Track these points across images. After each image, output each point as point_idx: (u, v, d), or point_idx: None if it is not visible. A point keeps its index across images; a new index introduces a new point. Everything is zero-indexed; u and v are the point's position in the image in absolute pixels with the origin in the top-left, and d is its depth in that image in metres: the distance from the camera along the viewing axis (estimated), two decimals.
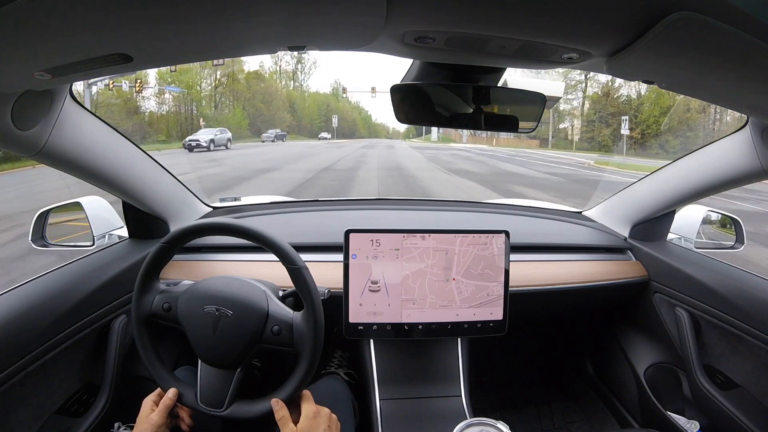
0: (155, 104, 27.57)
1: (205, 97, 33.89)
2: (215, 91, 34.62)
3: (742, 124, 0.86)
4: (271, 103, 39.43)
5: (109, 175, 0.90)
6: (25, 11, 0.38)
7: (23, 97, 0.62)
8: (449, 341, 1.11)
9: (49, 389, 0.81)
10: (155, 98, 27.28)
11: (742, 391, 0.98)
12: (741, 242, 1.22)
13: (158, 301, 0.74)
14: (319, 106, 52.23)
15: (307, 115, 47.76)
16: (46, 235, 1.07)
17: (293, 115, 44.52)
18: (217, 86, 35.02)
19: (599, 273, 1.20)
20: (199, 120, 29.27)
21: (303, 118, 46.87)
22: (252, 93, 38.39)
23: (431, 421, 1.00)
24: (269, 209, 1.37)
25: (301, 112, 47.05)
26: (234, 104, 36.01)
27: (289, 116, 43.00)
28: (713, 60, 0.49)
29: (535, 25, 0.48)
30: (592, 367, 1.51)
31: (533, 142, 32.18)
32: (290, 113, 43.82)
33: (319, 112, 52.39)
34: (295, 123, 44.23)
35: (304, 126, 46.00)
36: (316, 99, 53.54)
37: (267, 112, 38.97)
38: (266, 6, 0.42)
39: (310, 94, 52.75)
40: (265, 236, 0.72)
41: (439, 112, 0.77)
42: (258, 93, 38.85)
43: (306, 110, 47.93)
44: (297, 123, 44.82)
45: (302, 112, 47.22)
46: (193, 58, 0.58)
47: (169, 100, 28.47)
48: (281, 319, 0.72)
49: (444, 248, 0.97)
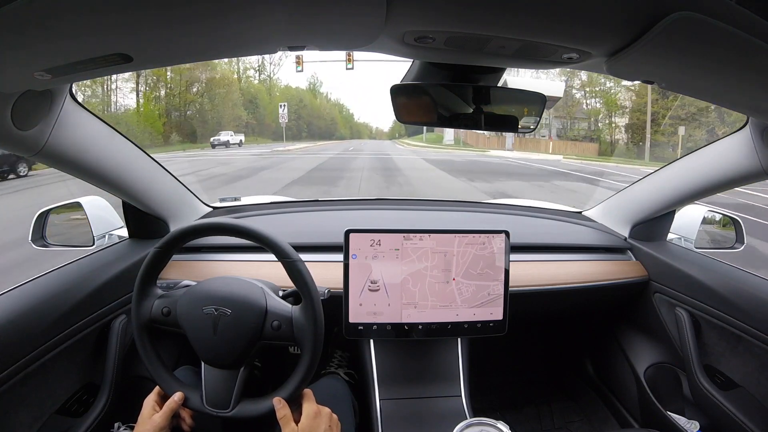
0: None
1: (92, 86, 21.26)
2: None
3: (742, 124, 0.86)
4: (226, 97, 30.40)
5: (109, 175, 0.90)
6: (25, 11, 0.38)
7: (23, 97, 0.62)
8: (449, 341, 1.11)
9: (49, 389, 0.81)
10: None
11: (742, 391, 0.98)
12: (741, 242, 1.22)
13: (157, 306, 0.74)
14: (289, 102, 42.12)
15: (271, 112, 37.97)
16: (46, 235, 1.07)
17: (254, 113, 35.85)
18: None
19: (599, 273, 1.20)
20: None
21: (266, 116, 37.77)
22: (185, 83, 27.59)
23: (431, 421, 1.00)
24: (269, 209, 1.37)
25: (265, 109, 38.08)
26: (151, 96, 25.21)
27: (247, 114, 33.77)
28: (713, 60, 0.49)
29: (534, 26, 0.48)
30: (592, 367, 1.51)
31: (591, 146, 23.49)
32: (249, 110, 35.12)
33: (288, 110, 41.44)
34: (254, 122, 35.66)
35: (267, 126, 37.01)
36: (287, 94, 45.29)
37: (210, 109, 29.59)
38: (266, 6, 0.42)
39: (279, 88, 44.54)
40: (256, 232, 0.72)
41: (439, 112, 0.77)
42: (196, 82, 28.63)
43: (271, 106, 38.39)
44: (257, 122, 36.31)
45: (266, 108, 38.16)
46: (193, 58, 0.58)
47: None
48: (280, 313, 0.72)
49: (442, 250, 0.97)
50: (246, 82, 38.20)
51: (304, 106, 50.18)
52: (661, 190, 1.15)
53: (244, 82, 37.55)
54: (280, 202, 1.50)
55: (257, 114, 36.98)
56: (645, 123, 20.36)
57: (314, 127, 52.69)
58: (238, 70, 36.46)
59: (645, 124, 20.39)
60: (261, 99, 38.69)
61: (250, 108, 35.70)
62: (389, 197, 2.39)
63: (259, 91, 39.83)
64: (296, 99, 47.95)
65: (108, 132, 0.87)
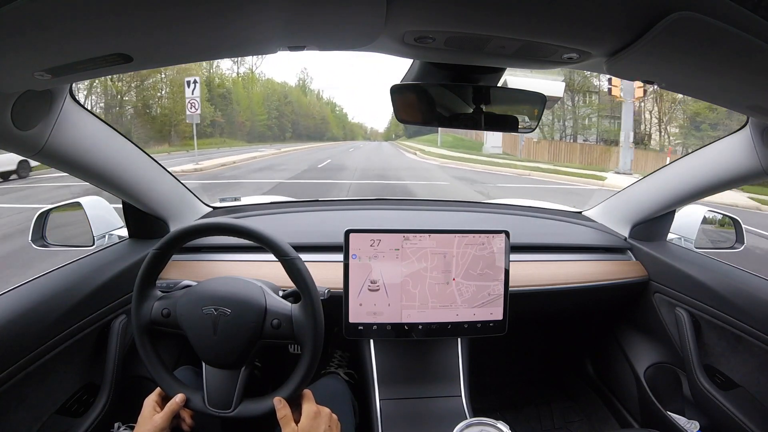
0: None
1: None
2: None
3: (742, 124, 0.86)
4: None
5: (109, 175, 0.90)
6: (25, 11, 0.38)
7: (23, 97, 0.62)
8: (449, 341, 1.11)
9: (49, 389, 0.81)
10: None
11: (742, 391, 0.98)
12: (741, 242, 1.22)
13: (157, 308, 0.74)
14: (268, 98, 36.33)
15: (245, 108, 31.97)
16: (46, 235, 1.07)
17: (223, 111, 29.14)
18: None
19: (599, 273, 1.20)
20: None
21: (238, 113, 31.18)
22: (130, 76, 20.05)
23: (431, 421, 1.00)
24: (269, 209, 1.37)
25: (237, 105, 31.46)
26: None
27: (214, 111, 26.75)
28: (713, 60, 0.49)
29: (535, 25, 0.48)
30: (592, 367, 1.51)
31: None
32: (220, 107, 28.46)
33: (268, 106, 35.67)
34: (222, 120, 28.63)
35: (240, 125, 30.51)
36: (268, 88, 38.07)
37: (158, 104, 22.82)
38: (266, 6, 0.42)
39: (261, 81, 37.24)
40: (253, 231, 0.72)
41: (439, 112, 0.77)
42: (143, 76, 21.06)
43: (246, 102, 32.48)
44: (226, 120, 29.32)
45: (239, 105, 31.64)
46: (193, 58, 0.58)
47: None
48: (280, 312, 0.72)
49: (442, 251, 0.97)
50: (214, 71, 30.50)
51: (288, 103, 42.26)
52: (661, 190, 1.15)
53: (211, 71, 30.02)
54: (280, 202, 1.50)
55: (226, 112, 29.70)
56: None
57: (300, 126, 45.41)
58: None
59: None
60: (236, 94, 31.59)
61: (220, 104, 28.99)
62: (389, 197, 2.39)
63: (235, 84, 32.90)
64: (280, 95, 40.16)
65: (108, 132, 0.87)
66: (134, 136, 18.26)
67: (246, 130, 30.80)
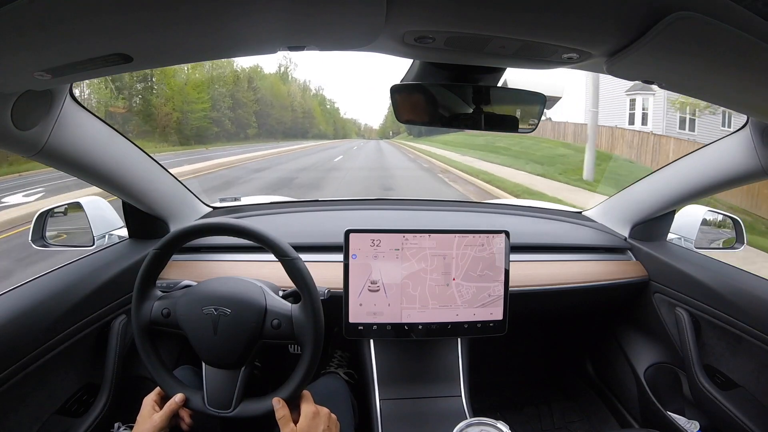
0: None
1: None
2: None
3: (742, 124, 0.86)
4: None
5: (109, 175, 0.90)
6: (25, 12, 0.38)
7: (23, 97, 0.62)
8: (449, 341, 1.11)
9: (49, 389, 0.81)
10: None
11: (742, 391, 0.98)
12: (741, 242, 1.22)
13: (157, 308, 0.74)
14: (215, 81, 26.54)
15: (179, 96, 22.62)
16: (46, 235, 1.07)
17: (135, 99, 21.04)
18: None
19: (599, 273, 1.20)
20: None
21: (162, 103, 21.70)
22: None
23: (431, 421, 1.00)
24: (269, 209, 1.37)
25: (159, 90, 22.31)
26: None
27: (110, 96, 18.23)
28: (713, 60, 0.49)
29: (534, 25, 0.48)
30: (592, 367, 1.51)
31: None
32: (126, 95, 20.35)
33: (211, 92, 25.70)
34: (124, 111, 19.99)
35: (158, 117, 21.06)
36: (217, 69, 27.14)
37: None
38: (266, 6, 0.42)
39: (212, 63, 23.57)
40: (253, 231, 0.72)
41: (439, 112, 0.77)
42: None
43: (175, 86, 22.70)
44: (127, 111, 20.35)
45: (159, 89, 22.28)
46: (193, 58, 0.58)
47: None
48: (280, 312, 0.72)
49: (442, 252, 0.97)
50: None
51: (254, 89, 32.12)
52: (661, 190, 1.15)
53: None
54: (280, 202, 1.50)
55: (146, 99, 21.47)
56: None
57: (272, 120, 36.13)
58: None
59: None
60: (157, 74, 21.70)
61: (129, 88, 20.72)
62: (389, 197, 2.39)
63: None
64: (233, 77, 28.98)
65: (108, 132, 0.87)
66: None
67: (173, 126, 21.74)
